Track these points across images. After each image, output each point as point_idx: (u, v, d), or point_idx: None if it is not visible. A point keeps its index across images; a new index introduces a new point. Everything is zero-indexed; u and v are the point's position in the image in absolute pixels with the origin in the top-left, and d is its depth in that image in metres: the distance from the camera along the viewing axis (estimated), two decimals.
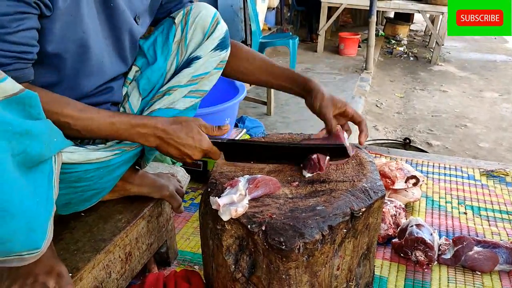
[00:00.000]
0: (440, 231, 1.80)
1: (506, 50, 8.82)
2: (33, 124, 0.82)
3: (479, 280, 1.52)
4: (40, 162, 0.86)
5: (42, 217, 0.88)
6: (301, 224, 1.01)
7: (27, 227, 0.84)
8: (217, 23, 1.29)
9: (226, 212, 1.04)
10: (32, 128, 0.81)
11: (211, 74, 1.29)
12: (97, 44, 1.10)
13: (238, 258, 1.10)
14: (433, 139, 4.38)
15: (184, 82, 1.26)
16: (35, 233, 0.87)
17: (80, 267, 1.08)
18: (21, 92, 0.79)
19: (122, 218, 1.28)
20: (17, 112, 0.79)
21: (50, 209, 0.91)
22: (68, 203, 1.18)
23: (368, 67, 6.32)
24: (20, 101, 0.79)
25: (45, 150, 0.85)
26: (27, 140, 0.80)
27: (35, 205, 0.85)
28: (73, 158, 1.05)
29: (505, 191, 2.14)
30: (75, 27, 1.02)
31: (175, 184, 1.45)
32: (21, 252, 0.87)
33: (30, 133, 0.80)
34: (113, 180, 1.23)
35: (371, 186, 1.16)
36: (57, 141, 0.90)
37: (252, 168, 1.26)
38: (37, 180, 0.86)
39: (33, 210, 0.84)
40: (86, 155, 1.09)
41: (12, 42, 0.90)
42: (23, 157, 0.80)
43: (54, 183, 0.91)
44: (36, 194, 0.85)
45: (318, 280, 1.07)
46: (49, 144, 0.87)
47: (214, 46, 1.28)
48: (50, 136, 0.87)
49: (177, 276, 1.31)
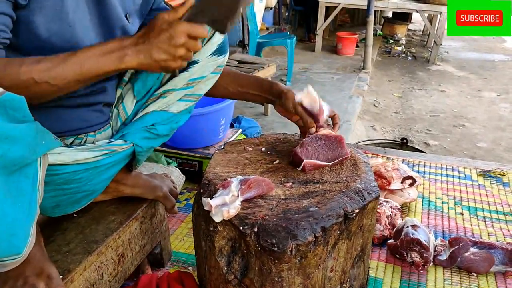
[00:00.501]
0: (436, 232, 1.79)
1: (505, 50, 8.82)
2: (14, 127, 0.79)
3: (475, 281, 1.51)
4: (24, 166, 0.84)
5: (24, 222, 0.85)
6: (294, 226, 1.00)
7: (8, 232, 0.81)
8: None
9: (218, 213, 1.03)
10: (13, 132, 0.78)
11: (207, 78, 1.29)
12: (86, 40, 1.07)
13: (231, 260, 1.09)
14: (431, 139, 4.37)
15: (180, 86, 1.25)
16: (16, 238, 0.84)
17: (72, 269, 1.07)
18: (1, 95, 0.77)
19: (115, 219, 1.27)
20: None
21: (34, 213, 0.88)
22: (57, 205, 1.16)
23: (366, 66, 6.32)
24: (1, 104, 0.77)
25: (29, 153, 0.83)
26: (7, 144, 0.77)
27: (17, 210, 0.82)
28: (60, 159, 1.03)
29: (502, 191, 2.13)
30: (60, 21, 1.00)
31: (168, 184, 1.44)
32: (2, 258, 0.84)
33: (10, 137, 0.78)
34: (103, 182, 1.21)
35: (365, 187, 1.15)
36: (45, 143, 0.87)
37: (245, 168, 1.25)
38: (19, 184, 0.84)
39: (13, 215, 0.81)
40: (74, 156, 1.06)
41: None
42: (2, 161, 0.78)
43: (39, 186, 0.89)
44: (18, 198, 0.83)
45: (311, 282, 1.06)
46: (34, 147, 0.84)
47: (212, 51, 1.27)
48: (36, 139, 0.84)
49: (170, 277, 1.30)
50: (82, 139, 1.20)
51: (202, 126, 2.02)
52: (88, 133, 1.21)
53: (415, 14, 8.78)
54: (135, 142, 1.20)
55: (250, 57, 4.81)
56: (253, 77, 1.44)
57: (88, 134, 1.21)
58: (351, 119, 4.40)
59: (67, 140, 1.17)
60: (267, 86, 1.40)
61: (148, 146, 1.24)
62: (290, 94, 1.34)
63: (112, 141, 1.18)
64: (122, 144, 1.16)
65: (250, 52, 5.40)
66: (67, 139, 1.17)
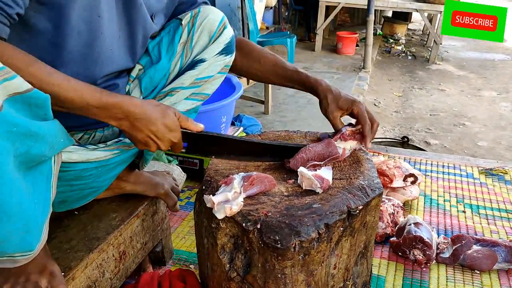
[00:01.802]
0: (439, 230, 1.79)
1: (505, 49, 8.81)
2: (40, 125, 0.80)
3: (478, 279, 1.50)
4: (40, 163, 0.85)
5: (39, 219, 0.86)
6: (297, 222, 0.99)
7: (24, 229, 0.82)
8: (224, 27, 1.28)
9: (221, 210, 1.02)
10: (38, 129, 0.79)
11: (214, 78, 1.29)
12: (110, 32, 1.08)
13: (233, 257, 1.08)
14: (431, 138, 4.36)
15: (187, 84, 1.25)
16: (30, 235, 0.85)
17: (73, 266, 1.07)
18: (28, 92, 0.77)
19: (117, 217, 1.27)
20: (23, 111, 0.77)
21: (47, 211, 0.89)
22: (64, 200, 1.17)
23: (366, 66, 6.31)
24: (26, 100, 0.77)
25: (48, 151, 0.84)
26: (31, 141, 0.78)
27: (33, 207, 0.84)
28: (72, 158, 1.05)
29: (504, 189, 2.13)
30: (91, 10, 1.01)
31: (170, 182, 1.44)
32: (14, 254, 0.85)
33: (35, 134, 0.79)
34: (110, 178, 1.22)
35: (368, 184, 1.15)
36: (63, 141, 0.88)
37: (247, 165, 1.25)
38: (36, 181, 0.85)
39: (30, 211, 0.82)
40: (86, 155, 1.08)
41: None
42: (25, 157, 0.79)
43: (53, 184, 0.90)
44: (34, 195, 0.84)
45: (315, 279, 1.05)
46: (53, 145, 0.85)
47: (219, 50, 1.27)
48: (57, 137, 0.86)
49: (172, 275, 1.29)
50: (91, 134, 1.21)
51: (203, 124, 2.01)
52: (97, 129, 1.21)
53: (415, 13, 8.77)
54: None
55: None
56: (297, 74, 1.38)
57: (97, 130, 1.21)
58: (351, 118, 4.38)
59: (76, 136, 1.17)
60: (309, 86, 1.37)
61: None
62: (325, 101, 1.32)
63: (121, 139, 1.19)
64: (131, 143, 1.16)
65: None
66: (76, 135, 1.18)
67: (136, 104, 0.99)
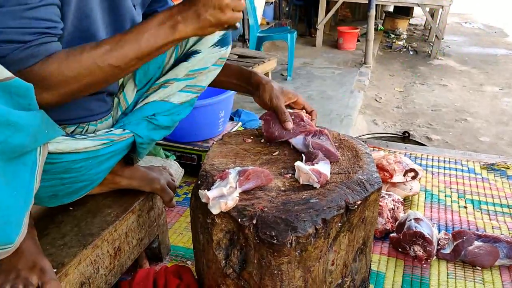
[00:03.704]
0: (440, 226, 1.76)
1: (507, 44, 8.77)
2: (20, 115, 0.77)
3: (479, 275, 1.48)
4: (23, 153, 0.83)
5: (19, 211, 0.84)
6: (294, 218, 0.97)
7: (2, 221, 0.80)
8: None
9: (216, 205, 1.00)
10: (18, 119, 0.77)
11: (209, 70, 1.27)
12: (100, 30, 1.06)
13: (229, 253, 1.06)
14: (433, 133, 4.34)
15: (181, 76, 1.23)
16: (9, 226, 0.82)
17: (66, 263, 1.04)
18: (8, 80, 0.75)
19: (111, 212, 1.25)
20: (3, 99, 0.75)
21: (29, 202, 0.86)
22: (55, 195, 1.14)
23: (367, 61, 6.28)
24: (6, 88, 0.75)
25: (30, 142, 0.82)
26: (10, 131, 0.76)
27: (13, 198, 0.81)
28: (60, 148, 1.02)
29: (506, 184, 2.10)
30: (79, 11, 0.99)
31: (166, 177, 1.41)
32: None
33: (14, 123, 0.76)
34: (102, 172, 1.20)
35: (367, 178, 1.12)
36: (48, 133, 0.86)
37: (244, 160, 1.22)
38: (17, 171, 0.82)
39: (9, 202, 0.80)
40: (74, 145, 1.05)
41: (35, 17, 0.86)
42: (3, 147, 0.76)
43: (37, 175, 0.87)
44: (14, 186, 0.82)
45: (312, 275, 1.03)
46: (36, 136, 0.83)
47: (214, 42, 1.25)
48: (40, 128, 0.83)
49: (168, 271, 1.28)
50: (84, 128, 1.19)
51: (201, 119, 1.99)
52: (90, 122, 1.19)
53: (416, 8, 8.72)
54: (135, 131, 1.18)
55: (250, 51, 4.78)
56: (235, 67, 1.42)
57: (90, 123, 1.19)
58: (352, 113, 4.37)
59: (68, 129, 1.15)
60: (247, 77, 1.39)
61: (148, 137, 1.21)
62: (268, 86, 1.33)
63: (112, 130, 1.16)
64: (121, 133, 1.14)
65: (250, 46, 5.37)
66: (68, 128, 1.15)
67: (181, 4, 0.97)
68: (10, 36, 0.84)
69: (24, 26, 0.85)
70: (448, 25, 8.74)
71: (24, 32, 0.85)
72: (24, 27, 0.85)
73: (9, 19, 0.84)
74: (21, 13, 0.84)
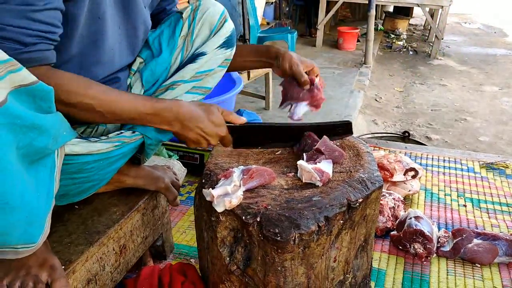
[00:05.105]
0: (439, 224, 1.78)
1: (506, 44, 8.79)
2: (43, 118, 0.80)
3: (479, 272, 1.50)
4: (44, 156, 0.85)
5: (41, 211, 0.86)
6: (297, 215, 0.99)
7: (26, 221, 0.82)
8: (225, 20, 1.28)
9: (220, 203, 1.02)
10: (42, 122, 0.79)
11: (215, 71, 1.29)
12: (111, 32, 1.08)
13: (233, 250, 1.08)
14: (432, 133, 4.36)
15: (187, 78, 1.26)
16: (33, 227, 0.85)
17: (73, 260, 1.06)
18: (33, 84, 0.77)
19: (117, 211, 1.27)
20: (27, 104, 0.77)
21: (50, 203, 0.89)
22: (66, 194, 1.17)
23: (367, 61, 6.30)
24: (31, 93, 0.77)
25: (52, 144, 0.84)
26: (34, 133, 0.78)
27: (36, 199, 0.84)
28: (75, 150, 1.05)
29: (505, 183, 2.12)
30: (91, 13, 1.01)
31: (170, 176, 1.44)
32: (16, 245, 0.85)
33: (39, 127, 0.79)
34: (111, 172, 1.22)
35: (368, 177, 1.14)
36: (66, 134, 0.88)
37: (247, 159, 1.25)
38: (39, 173, 0.85)
39: (33, 204, 0.83)
40: (88, 147, 1.08)
41: (38, 20, 0.88)
42: (28, 150, 0.79)
43: (56, 177, 0.90)
44: (37, 187, 0.84)
45: (315, 272, 1.05)
46: (57, 138, 0.86)
47: (220, 44, 1.27)
48: (60, 130, 0.86)
49: (173, 269, 1.30)
50: (94, 128, 1.21)
51: None
52: None
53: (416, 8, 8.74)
54: (145, 133, 1.20)
55: None
56: (249, 45, 1.48)
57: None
58: (352, 113, 4.39)
59: (79, 129, 1.18)
60: (264, 51, 1.41)
61: (157, 138, 1.24)
62: (287, 55, 1.35)
63: (123, 132, 1.19)
64: (132, 135, 1.17)
65: None
66: (79, 128, 1.18)
67: (183, 105, 1.07)
68: (9, 34, 0.85)
69: (24, 27, 0.86)
70: (448, 25, 8.76)
71: (24, 33, 0.87)
72: (25, 27, 0.86)
73: (12, 17, 0.85)
74: (25, 13, 0.86)
